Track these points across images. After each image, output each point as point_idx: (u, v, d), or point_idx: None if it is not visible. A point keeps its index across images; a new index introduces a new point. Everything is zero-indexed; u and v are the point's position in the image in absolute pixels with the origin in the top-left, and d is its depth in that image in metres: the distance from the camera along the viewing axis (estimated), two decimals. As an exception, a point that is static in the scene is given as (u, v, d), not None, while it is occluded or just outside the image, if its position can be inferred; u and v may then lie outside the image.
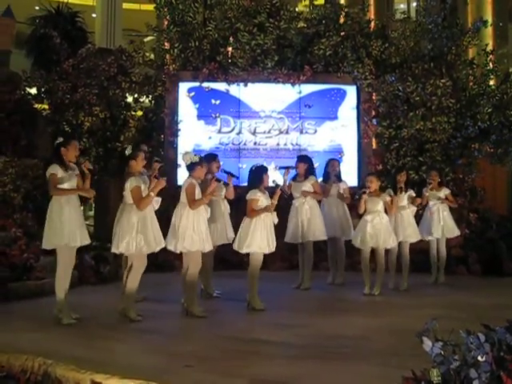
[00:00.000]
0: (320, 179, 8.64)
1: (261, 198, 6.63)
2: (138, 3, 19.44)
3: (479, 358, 2.59)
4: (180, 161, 9.55)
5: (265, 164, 7.68)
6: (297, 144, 11.48)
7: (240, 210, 7.07)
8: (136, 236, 5.84)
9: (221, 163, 7.64)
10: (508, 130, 11.57)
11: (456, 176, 11.35)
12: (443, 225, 8.71)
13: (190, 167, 6.35)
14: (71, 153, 6.04)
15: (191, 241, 6.14)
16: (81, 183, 6.05)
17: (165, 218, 7.76)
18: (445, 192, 8.85)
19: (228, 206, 7.47)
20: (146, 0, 13.47)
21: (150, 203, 5.91)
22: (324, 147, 11.48)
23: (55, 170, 5.91)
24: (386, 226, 7.84)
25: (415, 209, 8.45)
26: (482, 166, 12.02)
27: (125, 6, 18.24)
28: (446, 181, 10.27)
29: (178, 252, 6.34)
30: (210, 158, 7.44)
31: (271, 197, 6.68)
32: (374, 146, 11.84)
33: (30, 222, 8.58)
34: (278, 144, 11.46)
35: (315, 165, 10.38)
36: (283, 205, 7.95)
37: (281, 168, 8.40)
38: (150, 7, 13.18)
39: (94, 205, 13.13)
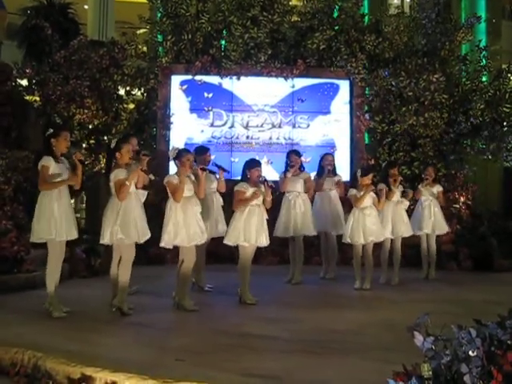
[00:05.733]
0: (314, 173, 8.64)
1: (249, 190, 6.60)
2: (131, -5, 19.31)
3: (470, 352, 2.58)
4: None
5: (257, 158, 7.64)
6: (289, 138, 11.47)
7: (232, 203, 7.05)
8: (117, 226, 5.81)
9: (212, 156, 7.61)
10: (500, 126, 11.62)
11: (448, 172, 11.39)
12: (434, 220, 8.73)
13: (177, 159, 6.31)
14: (62, 144, 5.95)
15: (167, 236, 6.13)
16: (72, 176, 5.99)
17: (156, 211, 7.76)
18: (438, 189, 8.87)
19: (220, 199, 7.44)
20: (139, -8, 13.38)
21: (127, 192, 5.84)
22: (316, 141, 11.49)
23: (48, 162, 5.83)
24: (378, 221, 7.86)
25: (408, 203, 8.46)
26: (474, 162, 12.06)
27: (117, -3, 18.11)
28: (438, 176, 10.30)
29: (168, 247, 6.32)
30: (201, 150, 7.41)
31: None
32: (367, 141, 11.84)
33: (21, 215, 8.52)
34: (270, 138, 11.45)
35: (308, 159, 10.46)
36: (274, 199, 7.94)
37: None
38: (143, -1, 13.10)
39: (85, 198, 13.09)
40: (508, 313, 2.83)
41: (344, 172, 10.61)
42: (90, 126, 10.94)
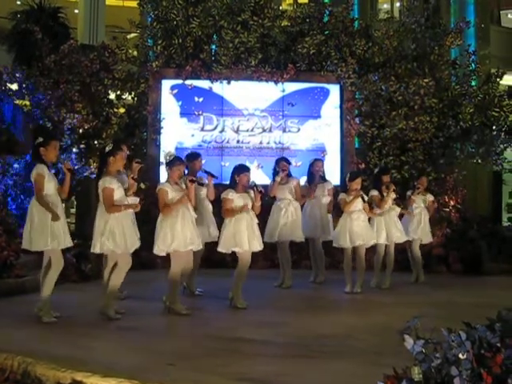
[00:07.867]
0: (304, 177, 8.65)
1: (234, 198, 6.61)
2: (122, -1, 19.34)
3: (460, 355, 2.60)
4: (162, 159, 9.52)
5: (247, 163, 7.66)
6: (280, 142, 11.47)
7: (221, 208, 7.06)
8: (105, 237, 5.79)
9: (203, 161, 7.61)
10: (489, 130, 11.70)
11: (438, 175, 11.44)
12: (423, 227, 8.78)
13: (168, 165, 6.32)
14: (51, 153, 5.90)
15: (161, 241, 6.13)
16: (60, 187, 5.97)
17: (147, 216, 7.74)
18: (429, 198, 8.96)
19: (210, 205, 7.43)
20: (130, -4, 13.39)
21: (119, 212, 5.83)
22: (307, 146, 11.50)
23: (43, 170, 5.78)
24: (367, 224, 7.90)
25: (399, 210, 8.50)
26: (464, 166, 12.12)
27: (108, 2, 18.13)
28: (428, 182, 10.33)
29: (162, 254, 6.32)
30: (192, 157, 7.41)
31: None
32: (357, 145, 11.88)
33: (10, 220, 8.47)
34: (260, 142, 11.44)
35: (298, 163, 10.49)
36: (264, 205, 7.96)
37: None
38: (134, 3, 13.12)
39: (75, 202, 13.03)
40: (497, 316, 2.85)
41: (334, 176, 10.65)
42: (81, 131, 10.89)
